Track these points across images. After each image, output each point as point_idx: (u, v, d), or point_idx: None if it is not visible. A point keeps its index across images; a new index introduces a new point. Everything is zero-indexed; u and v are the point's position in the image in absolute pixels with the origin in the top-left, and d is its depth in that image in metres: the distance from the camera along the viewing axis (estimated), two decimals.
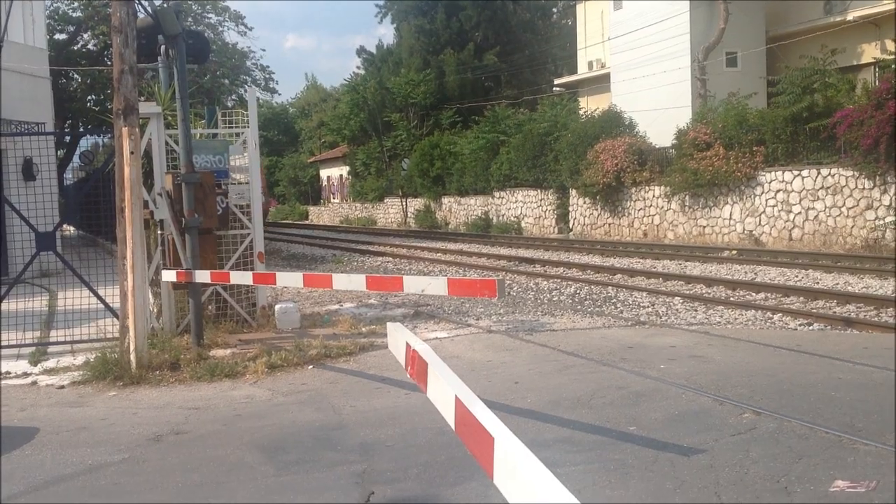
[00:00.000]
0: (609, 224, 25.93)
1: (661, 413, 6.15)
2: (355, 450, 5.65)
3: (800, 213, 19.52)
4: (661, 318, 10.82)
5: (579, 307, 11.97)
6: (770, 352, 8.25)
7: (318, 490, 4.94)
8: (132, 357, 8.06)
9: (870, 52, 24.24)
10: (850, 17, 24.03)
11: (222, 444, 5.94)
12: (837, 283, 13.30)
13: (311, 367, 8.38)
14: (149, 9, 9.20)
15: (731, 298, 12.19)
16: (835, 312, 10.69)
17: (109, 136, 10.61)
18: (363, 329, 10.22)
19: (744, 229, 20.98)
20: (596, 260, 18.95)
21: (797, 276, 14.38)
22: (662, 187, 23.55)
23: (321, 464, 5.40)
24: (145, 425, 6.49)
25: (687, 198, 22.72)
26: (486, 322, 10.78)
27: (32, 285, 14.65)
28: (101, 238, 21.90)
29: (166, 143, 10.14)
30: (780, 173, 20.08)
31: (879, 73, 21.41)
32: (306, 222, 54.64)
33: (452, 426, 2.79)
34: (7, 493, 5.08)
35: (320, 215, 55.93)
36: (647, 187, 24.24)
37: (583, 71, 35.02)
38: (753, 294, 12.51)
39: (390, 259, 21.29)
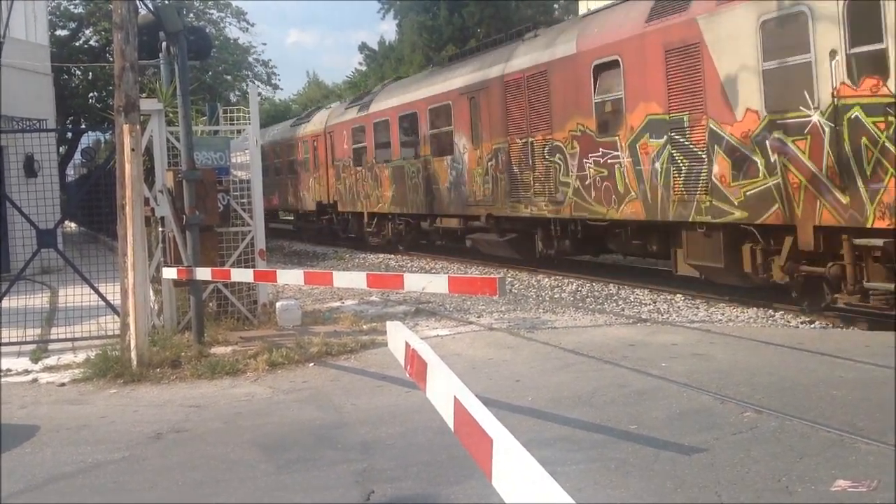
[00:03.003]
0: None
1: (662, 412, 6.14)
2: (356, 448, 5.64)
3: None
4: (662, 315, 10.80)
5: (581, 305, 11.95)
6: (772, 350, 8.23)
7: (318, 488, 4.94)
8: (133, 354, 8.06)
9: None
10: None
11: (223, 442, 5.94)
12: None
13: (312, 364, 8.38)
14: (150, 5, 9.20)
15: (733, 296, 12.14)
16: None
17: (111, 132, 10.61)
18: (364, 326, 10.22)
19: None
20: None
21: None
22: None
23: (322, 462, 5.40)
24: (146, 423, 6.49)
25: None
26: (487, 319, 10.77)
27: (33, 282, 14.67)
28: (102, 235, 21.91)
29: (167, 140, 10.13)
30: None
31: None
32: None
33: (451, 427, 2.79)
34: (7, 490, 5.08)
35: None
36: None
37: None
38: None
39: (392, 256, 21.25)
